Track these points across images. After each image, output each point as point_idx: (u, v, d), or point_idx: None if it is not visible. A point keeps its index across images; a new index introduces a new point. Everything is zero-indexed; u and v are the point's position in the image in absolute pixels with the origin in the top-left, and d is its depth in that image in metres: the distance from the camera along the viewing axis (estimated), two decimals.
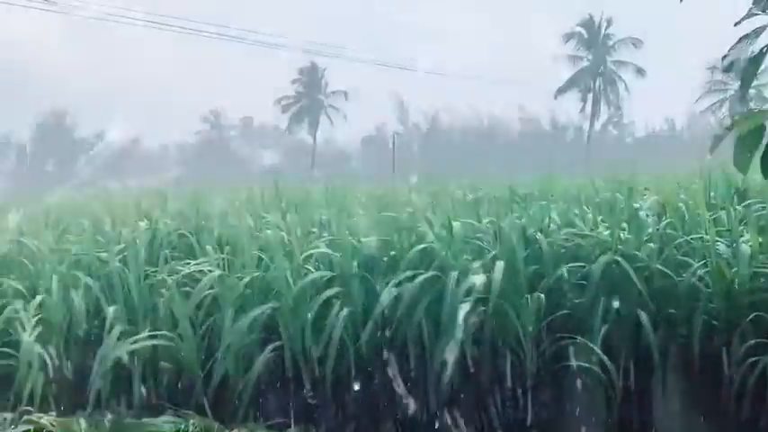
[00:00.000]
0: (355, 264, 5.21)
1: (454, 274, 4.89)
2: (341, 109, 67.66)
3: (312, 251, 5.51)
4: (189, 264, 5.62)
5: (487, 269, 4.95)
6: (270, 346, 5.04)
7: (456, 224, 5.35)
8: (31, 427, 4.32)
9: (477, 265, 5.09)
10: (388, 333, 5.13)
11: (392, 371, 5.27)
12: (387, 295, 4.93)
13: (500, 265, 4.83)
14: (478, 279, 4.84)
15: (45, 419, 4.23)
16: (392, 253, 5.42)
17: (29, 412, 4.34)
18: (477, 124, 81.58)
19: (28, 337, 5.27)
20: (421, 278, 4.96)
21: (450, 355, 4.70)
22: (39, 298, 5.57)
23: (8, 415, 4.28)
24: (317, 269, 5.39)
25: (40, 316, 5.46)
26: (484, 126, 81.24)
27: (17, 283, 5.92)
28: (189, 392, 5.23)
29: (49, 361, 5.26)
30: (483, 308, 4.88)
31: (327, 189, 9.06)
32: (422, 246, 5.28)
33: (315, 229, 6.08)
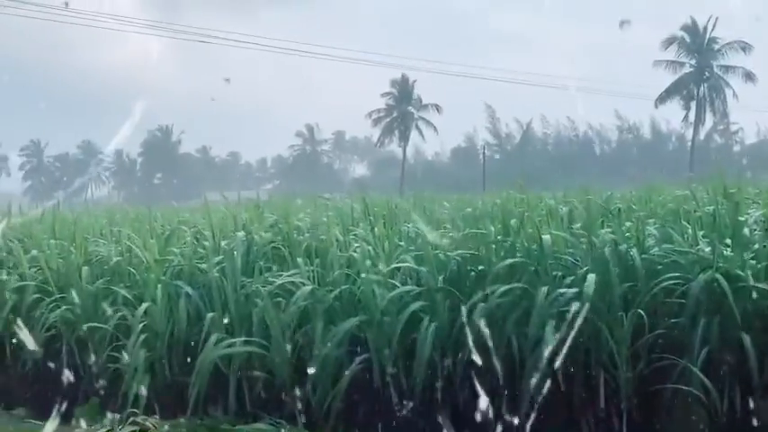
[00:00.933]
0: (441, 278, 5.21)
1: (544, 289, 4.79)
2: (431, 121, 67.73)
3: (399, 264, 5.56)
4: (281, 275, 5.81)
5: (579, 285, 4.82)
6: (358, 359, 5.12)
7: (546, 237, 5.22)
8: (137, 428, 4.60)
9: (568, 280, 4.97)
10: (475, 348, 5.08)
11: (480, 386, 5.22)
12: (473, 310, 4.89)
13: (591, 280, 4.68)
14: (569, 295, 4.71)
15: (149, 422, 4.49)
16: (480, 267, 5.38)
17: (135, 414, 4.63)
18: (572, 134, 79.38)
19: (134, 342, 5.63)
20: (504, 290, 4.89)
21: (539, 372, 4.60)
22: (144, 305, 5.95)
23: (116, 416, 4.58)
24: (404, 283, 5.43)
25: (145, 323, 5.83)
26: (579, 136, 78.94)
27: (126, 292, 6.35)
28: (281, 401, 5.41)
29: (153, 366, 5.60)
30: (574, 325, 4.74)
31: (416, 201, 9.11)
32: (511, 260, 5.20)
33: (402, 243, 6.12)
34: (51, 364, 6.59)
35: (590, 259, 5.08)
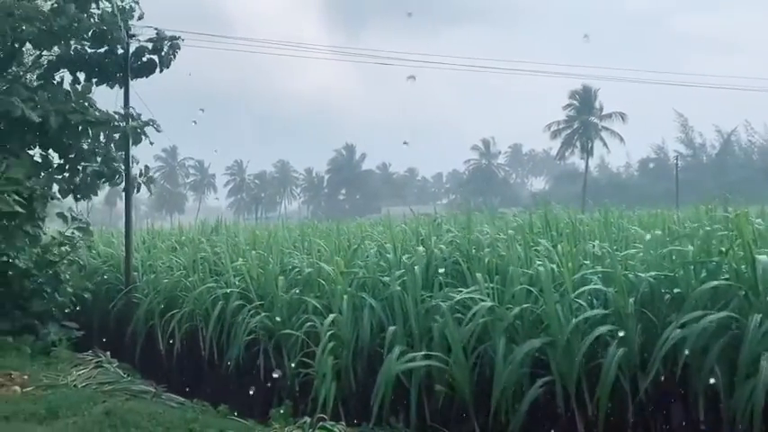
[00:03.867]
0: (632, 301, 4.87)
1: (757, 316, 4.28)
2: (617, 131, 64.04)
3: (585, 285, 5.30)
4: (461, 291, 5.82)
5: None
6: (540, 381, 4.95)
7: (762, 257, 4.64)
8: None
9: None
10: (670, 378, 4.68)
11: (676, 420, 4.79)
12: (670, 337, 4.51)
13: None
14: None
15: (337, 428, 4.70)
16: (676, 290, 4.95)
17: (323, 419, 4.87)
18: None
19: (323, 350, 5.96)
20: (711, 319, 4.43)
21: (754, 410, 4.10)
22: (332, 315, 6.28)
23: (307, 419, 4.86)
24: (590, 304, 5.16)
25: (332, 332, 6.15)
26: None
27: (316, 301, 6.76)
28: (461, 417, 5.39)
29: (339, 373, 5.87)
30: None
31: (601, 217, 8.63)
32: (714, 282, 4.72)
33: (587, 262, 5.83)
34: (251, 366, 7.22)
35: None
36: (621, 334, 4.72)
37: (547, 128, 67.50)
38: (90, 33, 8.55)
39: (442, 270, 6.27)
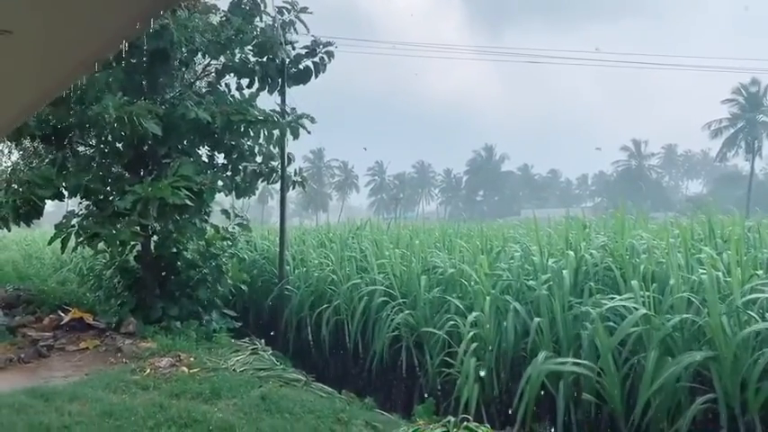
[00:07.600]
0: None
1: None
2: None
3: (756, 296, 4.86)
4: (613, 298, 5.56)
5: None
6: (701, 398, 4.60)
7: None
8: None
9: None
10: None
11: None
12: None
13: None
14: None
15: (481, 429, 4.68)
16: None
17: (467, 419, 4.87)
18: None
19: (465, 350, 5.95)
20: None
21: None
22: (474, 316, 6.26)
23: (451, 418, 4.88)
24: (763, 318, 4.72)
25: (474, 332, 6.12)
26: None
27: (458, 302, 6.77)
28: (610, 428, 5.16)
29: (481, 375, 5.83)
30: None
31: None
32: None
33: (760, 272, 5.34)
34: (393, 362, 7.38)
35: None
36: None
37: (706, 126, 62.25)
38: (253, 43, 9.17)
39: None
